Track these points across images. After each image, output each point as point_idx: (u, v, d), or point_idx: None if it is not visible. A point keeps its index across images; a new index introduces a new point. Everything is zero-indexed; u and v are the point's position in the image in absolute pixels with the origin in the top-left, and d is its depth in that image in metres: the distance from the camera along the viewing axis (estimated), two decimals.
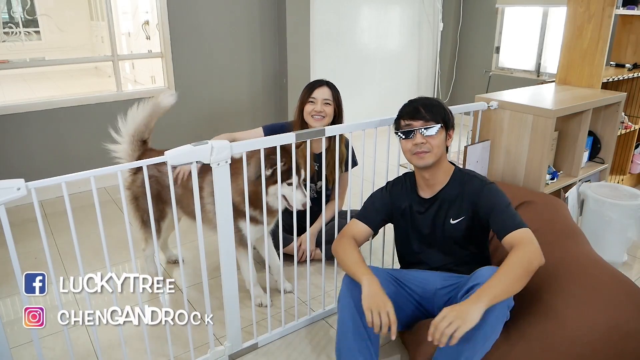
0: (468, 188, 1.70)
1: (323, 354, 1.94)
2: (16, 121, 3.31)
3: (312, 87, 2.43)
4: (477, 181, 1.70)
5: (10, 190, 1.26)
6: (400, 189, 1.83)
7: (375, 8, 5.02)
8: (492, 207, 1.63)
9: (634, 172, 3.49)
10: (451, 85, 5.81)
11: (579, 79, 2.89)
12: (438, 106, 1.70)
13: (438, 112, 1.68)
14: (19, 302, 2.30)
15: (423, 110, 1.67)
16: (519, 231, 1.55)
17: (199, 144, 1.55)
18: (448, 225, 1.72)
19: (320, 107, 2.38)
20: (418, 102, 1.71)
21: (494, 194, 1.65)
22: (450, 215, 1.72)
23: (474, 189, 1.68)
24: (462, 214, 1.70)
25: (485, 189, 1.67)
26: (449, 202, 1.72)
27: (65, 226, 3.00)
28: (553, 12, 4.80)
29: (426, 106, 1.68)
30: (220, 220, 1.71)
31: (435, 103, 1.72)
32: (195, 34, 3.87)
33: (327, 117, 2.40)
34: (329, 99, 2.40)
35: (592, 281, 1.67)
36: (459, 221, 1.71)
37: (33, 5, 4.03)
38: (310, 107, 2.40)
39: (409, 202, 1.80)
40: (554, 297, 1.62)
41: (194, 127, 4.07)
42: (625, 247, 2.53)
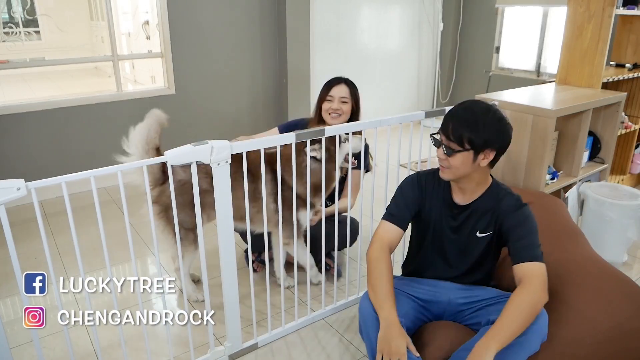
0: (502, 204, 1.61)
1: (323, 354, 1.94)
2: (16, 121, 3.32)
3: (330, 84, 2.45)
4: (513, 200, 1.62)
5: (10, 190, 1.26)
6: (434, 186, 1.71)
7: (375, 8, 5.02)
8: (516, 228, 1.57)
9: (634, 172, 3.49)
10: (451, 85, 5.81)
11: (579, 79, 2.89)
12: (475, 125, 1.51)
13: (470, 132, 1.51)
14: (19, 302, 2.30)
15: (451, 128, 1.53)
16: (533, 264, 1.50)
17: (199, 144, 1.55)
18: (473, 237, 1.67)
19: (337, 105, 2.41)
20: (455, 115, 1.55)
21: (525, 217, 1.58)
22: (478, 228, 1.65)
23: (508, 206, 1.60)
24: (489, 229, 1.64)
25: (519, 209, 1.59)
26: (480, 213, 1.64)
27: (65, 226, 3.00)
28: (553, 12, 4.80)
29: (458, 125, 1.52)
30: (220, 220, 1.71)
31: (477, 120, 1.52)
32: (195, 34, 3.87)
33: (343, 114, 2.42)
34: (345, 97, 2.42)
35: (593, 282, 1.67)
36: (485, 236, 1.65)
37: (33, 5, 4.03)
38: (328, 105, 2.42)
39: (440, 202, 1.69)
40: (556, 299, 1.62)
41: (194, 127, 4.07)
42: (625, 247, 2.53)
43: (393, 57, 5.36)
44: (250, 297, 2.02)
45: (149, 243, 2.83)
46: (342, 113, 2.42)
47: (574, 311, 1.57)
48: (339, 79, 2.47)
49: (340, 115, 2.42)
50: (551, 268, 1.72)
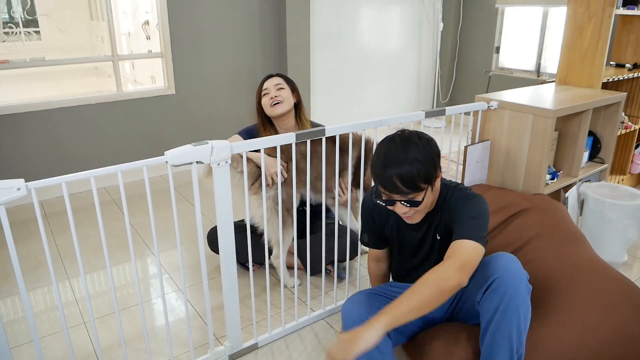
0: (449, 201, 1.58)
1: (323, 354, 1.94)
2: (16, 121, 3.32)
3: (262, 81, 2.39)
4: (459, 192, 1.57)
5: (10, 190, 1.26)
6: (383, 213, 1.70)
7: (375, 8, 5.03)
8: (458, 211, 1.50)
9: (634, 172, 3.49)
10: (451, 85, 5.81)
11: (579, 79, 2.89)
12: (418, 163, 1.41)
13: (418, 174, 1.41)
14: (19, 302, 2.30)
15: (400, 184, 1.41)
16: (460, 242, 1.40)
17: (199, 144, 1.56)
18: (436, 240, 1.65)
19: (274, 93, 2.31)
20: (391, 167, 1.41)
21: (467, 203, 1.51)
22: (438, 232, 1.63)
23: (454, 200, 1.56)
24: (448, 227, 1.59)
25: (462, 199, 1.54)
26: (438, 220, 1.61)
27: (65, 226, 3.02)
28: (553, 12, 4.80)
29: (402, 174, 1.40)
30: (220, 219, 1.71)
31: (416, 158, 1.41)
32: (195, 34, 3.88)
33: (285, 101, 2.32)
34: (280, 84, 2.34)
35: (594, 285, 1.67)
36: (445, 234, 1.62)
37: (33, 5, 4.02)
38: (266, 98, 2.34)
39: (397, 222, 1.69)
40: (558, 303, 1.62)
41: (194, 127, 4.08)
42: (625, 247, 2.52)
43: (393, 57, 5.36)
44: (251, 297, 2.02)
45: (149, 243, 2.83)
46: (282, 100, 2.31)
47: (576, 315, 1.57)
48: (269, 74, 2.41)
49: (282, 103, 2.31)
50: (555, 274, 1.73)
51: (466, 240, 1.40)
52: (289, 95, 2.35)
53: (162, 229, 2.97)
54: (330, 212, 2.49)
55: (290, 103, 2.35)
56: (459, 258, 1.36)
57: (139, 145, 3.84)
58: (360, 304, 1.58)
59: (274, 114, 2.33)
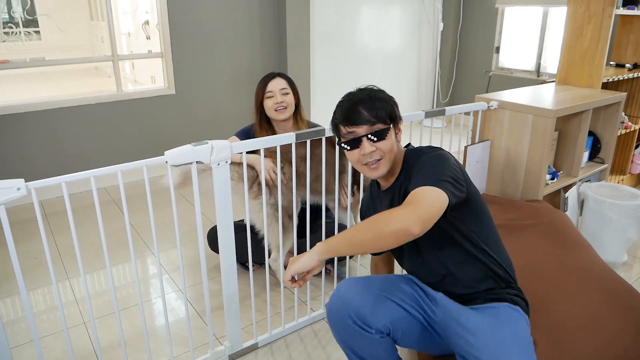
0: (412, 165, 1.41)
1: (323, 354, 1.94)
2: (16, 121, 3.32)
3: (265, 81, 2.35)
4: (420, 154, 1.42)
5: (10, 190, 1.26)
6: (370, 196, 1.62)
7: (375, 8, 5.03)
8: (415, 171, 1.34)
9: (634, 172, 3.49)
10: (451, 85, 5.81)
11: (579, 79, 2.89)
12: (382, 100, 1.39)
13: (383, 107, 1.37)
14: (19, 302, 2.30)
15: (366, 112, 1.36)
16: (418, 189, 1.24)
17: (199, 144, 1.56)
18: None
19: (280, 98, 2.30)
20: (356, 101, 1.39)
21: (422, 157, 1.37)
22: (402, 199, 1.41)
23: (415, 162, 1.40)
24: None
25: (420, 157, 1.38)
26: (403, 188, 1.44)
27: (65, 226, 3.02)
28: (553, 12, 4.80)
29: (367, 104, 1.37)
30: (220, 220, 1.71)
31: (378, 96, 1.40)
32: (195, 34, 3.87)
33: (289, 107, 2.32)
34: (285, 88, 2.33)
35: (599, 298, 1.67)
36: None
37: (33, 5, 4.02)
38: (270, 101, 2.31)
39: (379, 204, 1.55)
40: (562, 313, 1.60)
41: (194, 127, 4.07)
42: (625, 247, 2.52)
43: (393, 57, 5.36)
44: (251, 297, 2.02)
45: (149, 243, 2.83)
46: (287, 105, 2.30)
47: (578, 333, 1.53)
48: (272, 74, 2.37)
49: (286, 108, 2.30)
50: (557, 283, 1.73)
51: (420, 188, 1.25)
52: (293, 100, 2.36)
53: (162, 229, 2.97)
54: (329, 211, 2.49)
55: (293, 107, 2.36)
56: (408, 202, 1.24)
57: (139, 145, 3.84)
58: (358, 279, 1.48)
59: (277, 118, 2.34)
